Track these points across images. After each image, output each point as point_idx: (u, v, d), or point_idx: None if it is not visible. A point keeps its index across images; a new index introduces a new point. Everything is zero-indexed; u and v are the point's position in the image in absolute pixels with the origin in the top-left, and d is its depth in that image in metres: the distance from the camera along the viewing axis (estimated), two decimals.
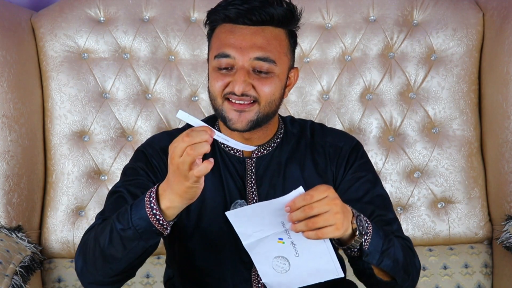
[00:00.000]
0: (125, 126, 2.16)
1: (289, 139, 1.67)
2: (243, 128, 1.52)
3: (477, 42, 2.18)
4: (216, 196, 1.61)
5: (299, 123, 1.71)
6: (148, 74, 2.17)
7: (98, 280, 1.43)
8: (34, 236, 2.07)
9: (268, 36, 1.50)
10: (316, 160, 1.65)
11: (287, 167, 1.64)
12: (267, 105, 1.52)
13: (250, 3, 1.48)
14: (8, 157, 1.99)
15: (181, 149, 1.27)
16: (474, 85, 2.19)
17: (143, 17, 2.18)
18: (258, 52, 1.49)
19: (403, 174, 2.17)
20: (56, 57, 2.14)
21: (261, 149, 1.64)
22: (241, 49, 1.49)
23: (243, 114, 1.51)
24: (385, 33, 2.19)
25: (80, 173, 2.12)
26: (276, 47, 1.51)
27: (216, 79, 1.52)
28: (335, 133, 1.70)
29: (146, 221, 1.33)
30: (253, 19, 1.49)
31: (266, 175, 1.63)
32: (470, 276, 2.14)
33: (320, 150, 1.66)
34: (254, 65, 1.50)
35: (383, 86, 2.19)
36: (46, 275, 2.09)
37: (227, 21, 1.51)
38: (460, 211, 2.15)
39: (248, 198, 1.61)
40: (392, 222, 1.58)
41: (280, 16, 1.50)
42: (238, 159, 1.63)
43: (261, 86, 1.50)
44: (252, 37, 1.49)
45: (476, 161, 2.17)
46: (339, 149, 1.65)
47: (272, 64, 1.50)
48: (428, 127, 2.19)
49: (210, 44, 1.56)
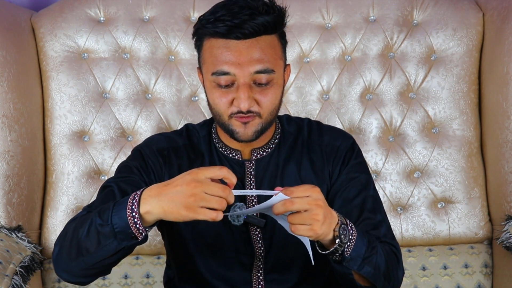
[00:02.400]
0: (125, 126, 2.16)
1: (286, 139, 1.67)
2: (249, 139, 1.54)
3: (477, 42, 2.18)
4: None
5: (295, 122, 1.71)
6: (148, 74, 2.17)
7: (71, 270, 1.42)
8: (34, 236, 2.07)
9: (263, 46, 1.48)
10: (312, 159, 1.65)
11: (285, 167, 1.64)
12: (269, 115, 1.54)
13: (239, 17, 1.45)
14: (8, 157, 1.99)
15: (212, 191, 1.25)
16: (474, 85, 2.19)
17: (143, 17, 2.18)
18: (257, 66, 1.48)
19: (403, 174, 2.17)
20: (56, 57, 2.14)
21: (260, 151, 1.64)
22: (240, 65, 1.47)
23: (248, 126, 1.53)
24: (385, 33, 2.19)
25: (80, 173, 2.12)
26: (272, 55, 1.50)
27: (219, 97, 1.51)
28: (332, 131, 1.70)
29: (124, 221, 1.32)
30: (245, 33, 1.46)
31: (265, 177, 1.63)
32: (470, 276, 2.14)
33: (317, 148, 1.66)
34: (254, 79, 1.49)
35: (383, 86, 2.19)
36: (46, 275, 2.09)
37: (218, 36, 1.48)
38: (460, 211, 2.15)
39: (247, 201, 1.60)
40: (380, 226, 1.59)
41: (271, 23, 1.48)
42: (237, 161, 1.63)
43: (263, 98, 1.51)
44: (248, 51, 1.47)
45: (476, 161, 2.17)
46: (336, 148, 1.65)
47: (271, 74, 1.50)
48: (428, 127, 2.19)
49: (202, 57, 1.54)
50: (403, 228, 2.15)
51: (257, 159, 1.63)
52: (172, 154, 1.64)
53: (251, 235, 1.60)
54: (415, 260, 2.14)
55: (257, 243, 1.60)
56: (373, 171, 2.16)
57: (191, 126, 1.71)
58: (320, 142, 1.67)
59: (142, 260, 2.11)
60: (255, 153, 1.63)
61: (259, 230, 1.60)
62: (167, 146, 1.65)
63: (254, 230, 1.60)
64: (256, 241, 1.60)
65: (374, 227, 1.58)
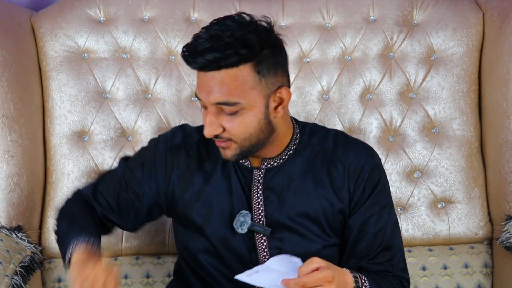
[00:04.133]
0: (125, 126, 2.16)
1: (304, 151, 1.63)
2: (233, 160, 1.57)
3: (477, 42, 2.18)
4: (223, 203, 1.62)
5: (320, 133, 1.67)
6: (148, 74, 2.17)
7: None
8: (34, 236, 2.07)
9: (225, 79, 1.45)
10: (333, 176, 1.62)
11: (300, 180, 1.61)
12: (244, 141, 1.52)
13: (198, 49, 1.45)
14: (8, 157, 1.99)
15: None
16: (474, 85, 2.19)
17: (143, 17, 2.18)
18: (217, 98, 1.47)
19: (403, 174, 2.17)
20: (56, 57, 2.14)
21: (271, 161, 1.62)
22: (205, 93, 1.48)
23: (226, 151, 1.54)
24: (385, 33, 2.19)
25: (80, 173, 2.12)
26: (236, 87, 1.46)
27: (203, 116, 1.54)
28: (358, 147, 1.67)
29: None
30: (200, 66, 1.46)
31: (274, 187, 1.61)
32: (470, 276, 2.14)
33: (340, 166, 1.62)
34: (219, 108, 1.49)
35: (383, 86, 2.19)
36: (46, 275, 2.09)
37: None
38: (460, 211, 2.15)
39: (253, 209, 1.60)
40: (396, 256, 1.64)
41: (220, 60, 1.43)
42: (246, 168, 1.63)
43: (229, 125, 1.49)
44: (210, 83, 1.46)
45: (476, 161, 2.17)
46: (360, 167, 1.62)
47: (234, 106, 1.47)
48: (428, 127, 2.19)
49: None
50: (403, 228, 2.15)
51: (266, 168, 1.62)
52: (183, 152, 1.67)
53: (256, 243, 1.60)
54: (415, 260, 2.14)
55: (262, 251, 1.60)
56: None
57: None
58: (345, 160, 1.63)
59: (142, 260, 2.11)
60: (266, 162, 1.63)
61: (265, 239, 1.60)
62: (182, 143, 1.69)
63: (260, 238, 1.60)
64: (262, 249, 1.60)
65: (390, 258, 1.62)
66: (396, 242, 1.64)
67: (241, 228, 1.59)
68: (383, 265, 1.61)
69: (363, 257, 1.61)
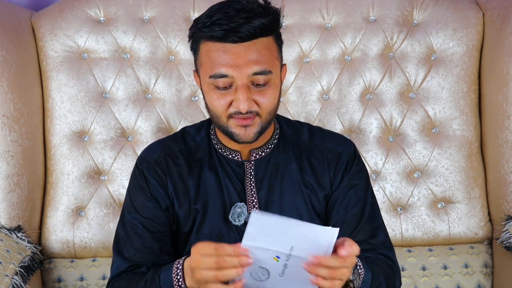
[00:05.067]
0: (125, 126, 2.16)
1: (285, 140, 1.68)
2: (251, 140, 1.56)
3: (477, 42, 2.18)
4: (216, 201, 1.62)
5: (294, 125, 1.72)
6: (148, 74, 2.17)
7: None
8: (34, 236, 2.07)
9: (260, 48, 1.49)
10: (313, 164, 1.66)
11: (286, 168, 1.65)
12: (268, 115, 1.55)
13: (236, 21, 1.46)
14: (8, 157, 1.99)
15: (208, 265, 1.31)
16: (474, 85, 2.19)
17: (143, 17, 2.18)
18: (254, 67, 1.49)
19: (403, 174, 2.17)
20: (56, 57, 2.14)
21: (259, 152, 1.64)
22: (237, 67, 1.48)
23: (249, 128, 1.54)
24: (385, 33, 2.19)
25: (80, 173, 2.12)
26: (269, 56, 1.51)
27: (217, 99, 1.52)
28: (333, 137, 1.72)
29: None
30: (242, 37, 1.47)
31: (265, 178, 1.64)
32: (470, 276, 2.14)
33: (318, 154, 1.67)
34: (252, 80, 1.50)
35: (383, 86, 2.19)
36: (46, 275, 2.09)
37: (215, 40, 1.49)
38: (460, 211, 2.15)
39: (247, 201, 1.61)
40: (377, 233, 1.65)
41: (267, 26, 1.49)
42: (236, 162, 1.64)
43: (262, 99, 1.52)
44: (246, 54, 1.48)
45: (476, 161, 2.17)
46: (338, 154, 1.67)
47: (268, 75, 1.51)
48: (428, 127, 2.19)
49: (199, 60, 1.55)
50: (403, 228, 2.15)
51: (256, 159, 1.64)
52: (170, 161, 1.66)
53: None
54: (415, 260, 2.14)
55: None
56: (373, 171, 2.16)
57: (188, 129, 1.72)
58: (322, 148, 1.68)
59: None
60: (254, 153, 1.64)
61: None
62: (163, 154, 1.67)
63: None
64: None
65: (371, 235, 1.63)
66: (375, 222, 1.66)
67: (238, 220, 1.59)
68: (366, 243, 1.62)
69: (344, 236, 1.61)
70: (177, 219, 1.64)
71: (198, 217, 1.62)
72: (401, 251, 2.14)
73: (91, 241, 2.09)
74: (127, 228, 1.63)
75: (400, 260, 2.12)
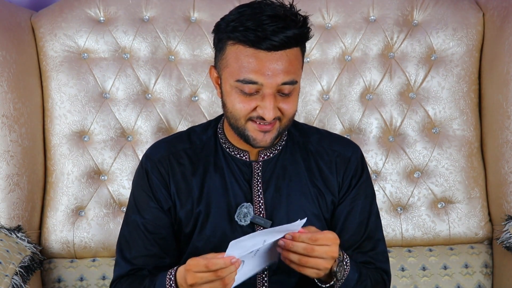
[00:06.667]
0: (125, 126, 2.16)
1: (293, 142, 1.67)
2: (267, 146, 1.56)
3: (477, 42, 2.18)
4: (220, 201, 1.62)
5: (302, 127, 1.72)
6: (148, 74, 2.17)
7: None
8: (34, 236, 2.07)
9: (291, 58, 1.49)
10: (321, 167, 1.66)
11: (293, 169, 1.64)
12: (288, 121, 1.56)
13: (270, 29, 1.45)
14: (8, 157, 1.99)
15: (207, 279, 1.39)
16: (474, 85, 2.19)
17: (143, 17, 2.18)
18: (285, 77, 1.48)
19: (403, 174, 2.17)
20: (56, 57, 2.14)
21: (267, 153, 1.64)
22: (268, 76, 1.47)
23: (267, 134, 1.54)
24: (385, 33, 2.19)
25: (80, 173, 2.12)
26: (296, 66, 1.52)
27: (241, 102, 1.51)
28: (342, 141, 1.71)
29: None
30: (276, 45, 1.46)
31: (272, 179, 1.63)
32: (470, 276, 2.14)
33: (326, 158, 1.67)
34: (279, 89, 1.50)
35: (383, 86, 2.19)
36: (46, 275, 2.09)
37: (247, 44, 1.47)
38: (460, 211, 2.15)
39: (254, 202, 1.60)
40: (378, 246, 1.68)
41: (300, 37, 1.50)
42: (244, 162, 1.63)
43: (286, 106, 1.52)
44: (277, 63, 1.47)
45: (476, 161, 2.17)
46: (347, 159, 1.67)
47: (294, 85, 1.51)
48: (428, 127, 2.19)
49: (225, 60, 1.52)
50: (403, 228, 2.15)
51: (264, 160, 1.64)
52: (174, 161, 1.65)
53: None
54: (415, 260, 2.14)
55: None
56: (373, 171, 2.16)
57: (195, 128, 1.71)
58: (331, 152, 1.67)
59: None
60: (262, 154, 1.64)
61: None
62: (167, 154, 1.66)
63: None
64: None
65: (373, 247, 1.66)
66: (378, 232, 1.68)
67: (244, 220, 1.59)
68: (367, 255, 1.64)
69: (348, 247, 1.63)
70: (179, 220, 1.64)
71: (200, 217, 1.62)
72: (401, 251, 2.14)
73: (91, 241, 2.09)
74: (130, 228, 1.64)
75: (400, 260, 2.13)
